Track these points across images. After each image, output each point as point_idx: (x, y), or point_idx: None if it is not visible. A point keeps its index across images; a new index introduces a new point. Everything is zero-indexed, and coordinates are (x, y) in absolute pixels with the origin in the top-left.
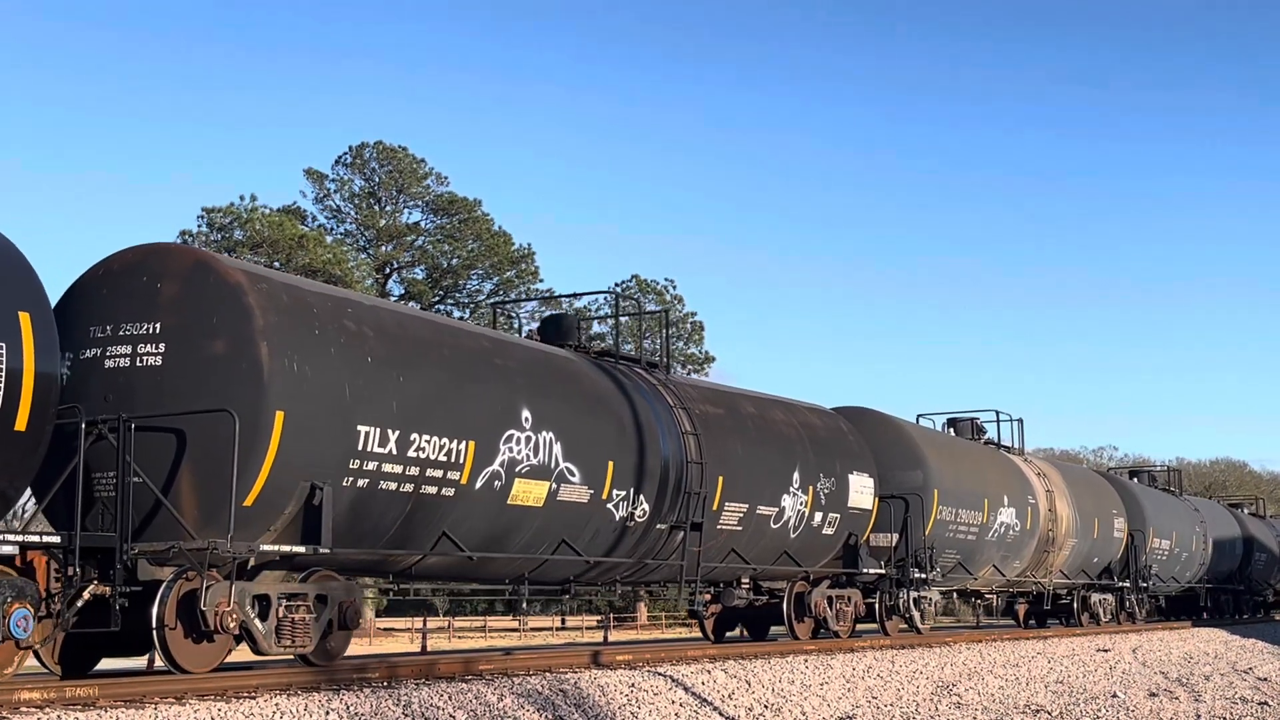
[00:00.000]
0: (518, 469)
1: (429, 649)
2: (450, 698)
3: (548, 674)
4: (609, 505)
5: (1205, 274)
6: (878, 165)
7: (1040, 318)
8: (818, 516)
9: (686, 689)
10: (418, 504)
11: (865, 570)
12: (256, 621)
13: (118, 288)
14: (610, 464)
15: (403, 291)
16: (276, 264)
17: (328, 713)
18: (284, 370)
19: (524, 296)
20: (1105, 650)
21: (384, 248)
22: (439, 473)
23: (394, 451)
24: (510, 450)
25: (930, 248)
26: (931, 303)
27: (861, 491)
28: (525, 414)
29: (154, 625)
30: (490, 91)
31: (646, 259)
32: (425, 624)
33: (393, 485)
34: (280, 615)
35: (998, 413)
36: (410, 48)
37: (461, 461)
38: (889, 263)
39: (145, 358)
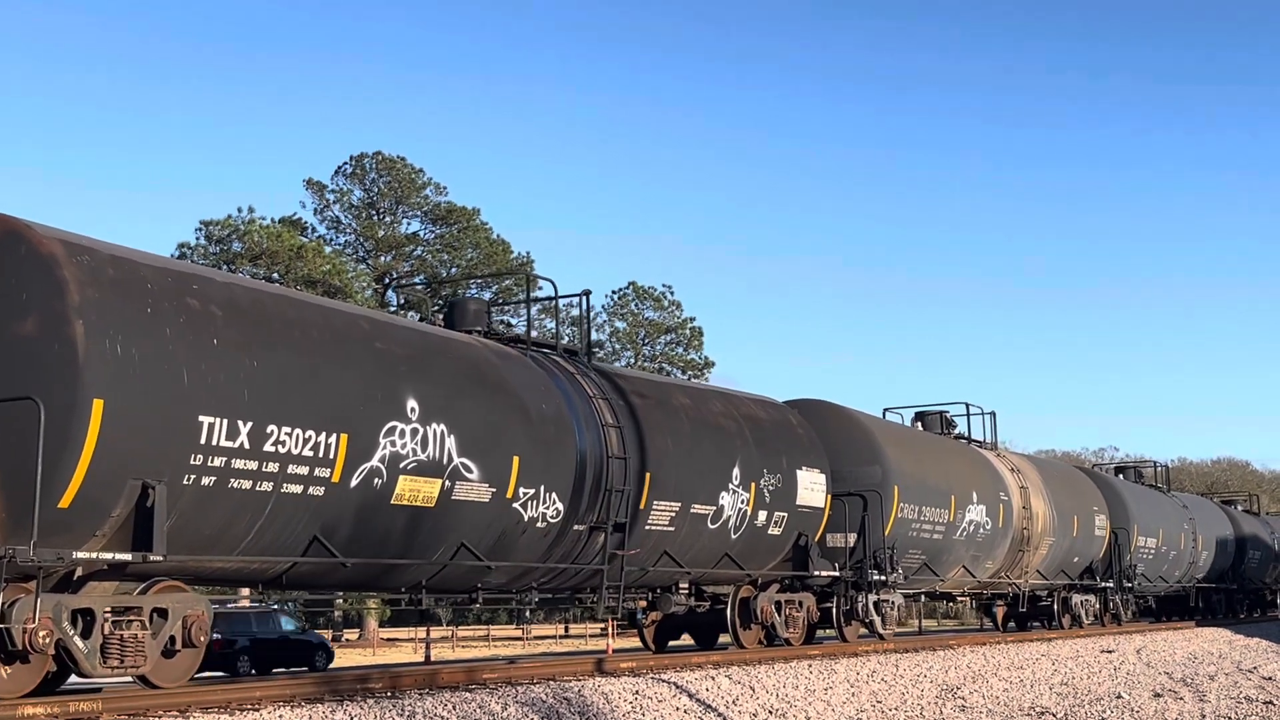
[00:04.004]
0: (402, 465)
1: (433, 659)
2: (454, 707)
3: (552, 682)
4: (515, 505)
5: (1208, 271)
6: (880, 164)
7: (1042, 317)
8: (762, 515)
9: (691, 695)
10: (280, 504)
11: (817, 573)
12: (77, 640)
13: None
14: (516, 459)
15: (402, 301)
16: (276, 275)
17: None
18: (104, 353)
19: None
20: (1109, 651)
21: (383, 258)
22: (304, 469)
23: (246, 445)
24: (392, 444)
25: (935, 248)
26: (934, 303)
27: (811, 488)
28: (411, 404)
29: None
30: (488, 99)
31: (646, 265)
32: (429, 634)
33: (246, 483)
34: (107, 632)
35: (968, 405)
36: (407, 58)
37: (332, 457)
38: (891, 265)
39: None
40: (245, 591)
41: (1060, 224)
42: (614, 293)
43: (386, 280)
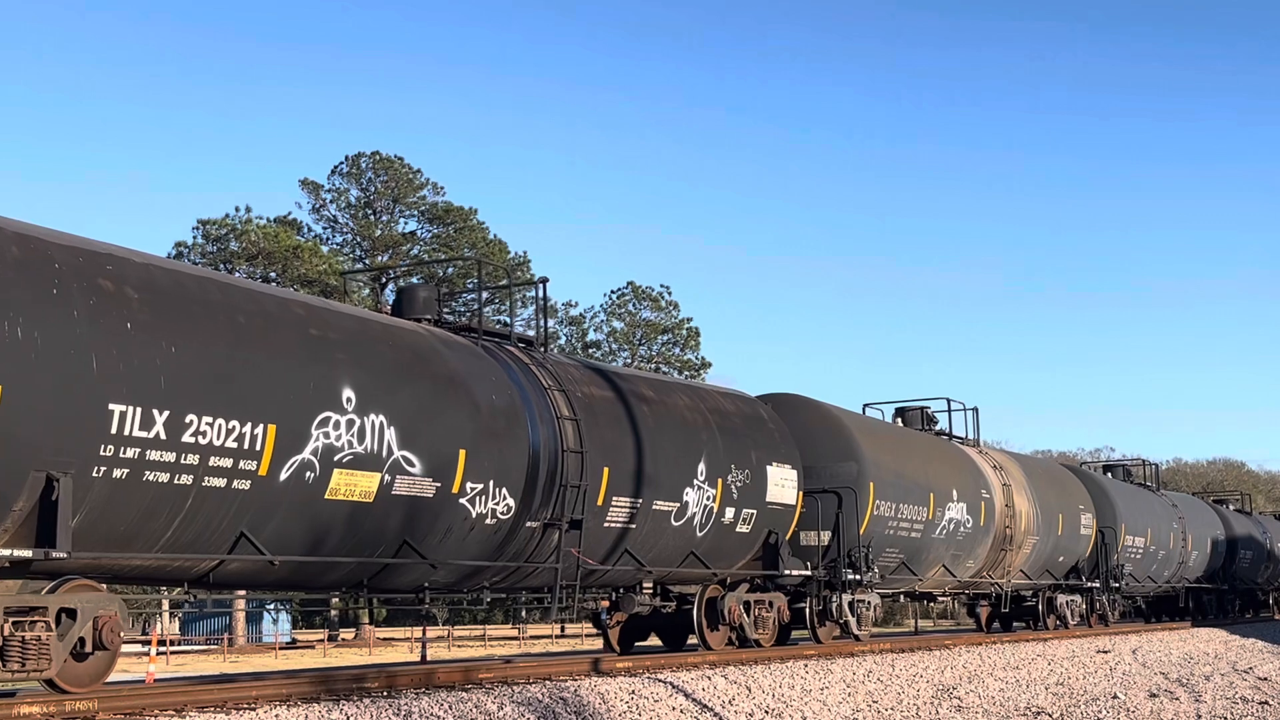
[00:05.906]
0: (336, 458)
1: (429, 658)
2: (450, 707)
3: (548, 682)
4: (462, 501)
5: (1207, 270)
6: (880, 161)
7: (1039, 316)
8: (729, 512)
9: (687, 695)
10: (201, 499)
11: (788, 572)
12: None
13: None
14: (462, 453)
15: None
16: (273, 275)
17: None
18: (2, 336)
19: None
20: (1105, 651)
21: (380, 257)
22: (227, 461)
23: (162, 436)
24: (326, 436)
25: (931, 246)
26: (932, 302)
27: (782, 484)
28: (347, 394)
29: None
30: (485, 99)
31: (645, 265)
32: (425, 633)
33: (164, 476)
34: (7, 634)
35: (949, 400)
36: (405, 56)
37: (259, 448)
38: (890, 266)
39: None
40: None
41: (1059, 222)
42: (612, 293)
43: (383, 280)
